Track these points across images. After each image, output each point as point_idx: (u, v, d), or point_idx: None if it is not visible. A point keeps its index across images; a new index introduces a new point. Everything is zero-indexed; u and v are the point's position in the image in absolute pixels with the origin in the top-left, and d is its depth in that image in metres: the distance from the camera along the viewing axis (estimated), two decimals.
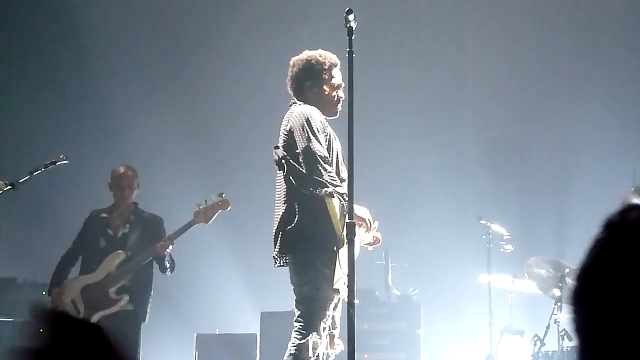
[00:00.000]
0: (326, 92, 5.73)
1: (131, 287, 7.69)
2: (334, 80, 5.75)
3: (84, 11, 11.64)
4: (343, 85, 5.76)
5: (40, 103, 11.55)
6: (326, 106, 5.73)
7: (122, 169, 7.91)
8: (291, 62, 5.81)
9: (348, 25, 5.09)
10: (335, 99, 5.76)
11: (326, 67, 5.74)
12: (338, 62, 5.78)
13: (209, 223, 7.66)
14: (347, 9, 5.07)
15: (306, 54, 5.79)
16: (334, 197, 5.28)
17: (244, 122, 11.46)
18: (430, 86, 11.53)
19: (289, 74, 5.80)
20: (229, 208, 7.67)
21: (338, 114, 5.77)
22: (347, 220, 4.98)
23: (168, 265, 7.74)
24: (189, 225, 7.64)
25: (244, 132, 11.42)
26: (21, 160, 9.46)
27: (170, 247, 7.64)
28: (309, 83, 5.71)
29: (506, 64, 11.52)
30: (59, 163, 7.46)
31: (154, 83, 11.79)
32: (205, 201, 7.63)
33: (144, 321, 7.76)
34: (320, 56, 5.77)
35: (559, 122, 11.40)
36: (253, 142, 10.50)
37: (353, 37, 5.10)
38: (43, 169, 7.34)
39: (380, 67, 11.04)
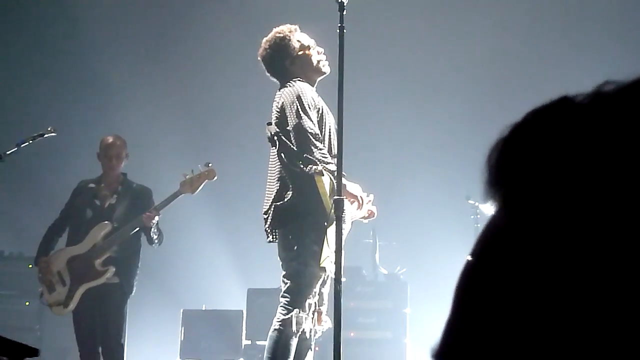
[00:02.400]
0: (305, 55, 5.71)
1: (117, 259, 7.60)
2: (303, 42, 5.74)
3: None
4: (313, 41, 5.78)
5: (28, 75, 11.50)
6: (313, 69, 5.74)
7: (110, 139, 7.83)
8: (259, 57, 5.80)
9: (339, 0, 5.07)
10: (316, 56, 5.75)
11: (289, 37, 5.72)
12: (294, 27, 5.80)
13: (195, 193, 7.54)
14: None
15: (265, 43, 5.78)
16: (323, 174, 5.29)
17: (235, 96, 11.43)
18: (419, 65, 11.49)
19: (265, 66, 5.79)
20: (215, 178, 7.55)
21: (328, 69, 5.74)
22: (335, 196, 4.99)
23: (155, 237, 7.67)
24: (175, 195, 7.54)
25: (234, 106, 11.40)
26: (8, 131, 9.42)
27: (157, 218, 7.53)
28: (287, 60, 5.70)
29: (494, 44, 11.48)
30: (46, 135, 7.43)
31: (144, 55, 11.75)
32: (192, 171, 7.52)
33: (131, 293, 7.72)
34: (278, 33, 5.77)
35: (550, 91, 11.36)
36: (244, 116, 10.48)
37: (344, 13, 5.07)
38: (31, 141, 7.31)
39: (370, 45, 11.01)
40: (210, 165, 7.57)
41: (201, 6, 11.85)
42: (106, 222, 7.64)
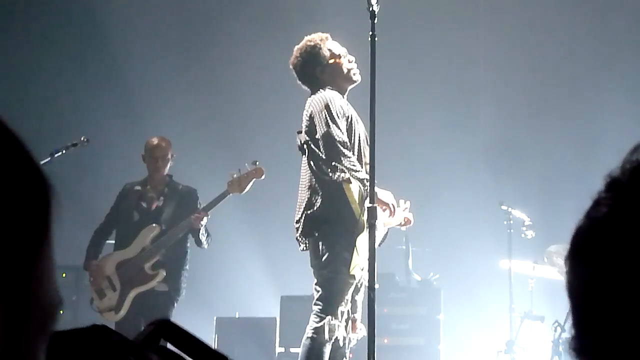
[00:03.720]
0: (335, 64, 5.73)
1: (166, 262, 7.61)
2: (334, 50, 5.78)
3: None
4: (345, 50, 5.81)
5: (62, 84, 11.55)
6: (344, 77, 5.77)
7: (155, 140, 7.82)
8: (291, 65, 5.83)
9: (370, 8, 5.08)
10: (346, 65, 5.77)
11: (320, 46, 5.77)
12: (325, 35, 5.85)
13: (244, 192, 7.50)
14: None
15: (297, 51, 5.84)
16: (352, 182, 5.30)
17: (269, 104, 11.44)
18: (453, 73, 11.48)
19: (296, 74, 5.83)
20: (263, 176, 7.49)
21: (358, 77, 5.77)
22: (367, 204, 4.99)
23: (204, 238, 7.66)
24: (223, 195, 7.51)
25: (268, 115, 11.41)
26: (42, 141, 9.47)
27: (205, 219, 7.52)
28: (318, 68, 5.72)
29: (528, 53, 11.45)
30: (80, 145, 7.47)
31: (179, 63, 11.78)
32: (239, 170, 7.50)
33: (178, 298, 7.70)
34: (309, 41, 5.83)
35: (580, 108, 11.33)
36: (277, 124, 10.48)
37: (375, 21, 5.07)
38: (64, 151, 7.34)
39: (403, 53, 10.99)
40: (257, 163, 7.55)
41: (233, 11, 11.87)
42: (154, 224, 7.63)
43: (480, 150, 11.38)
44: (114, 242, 7.87)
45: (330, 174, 5.36)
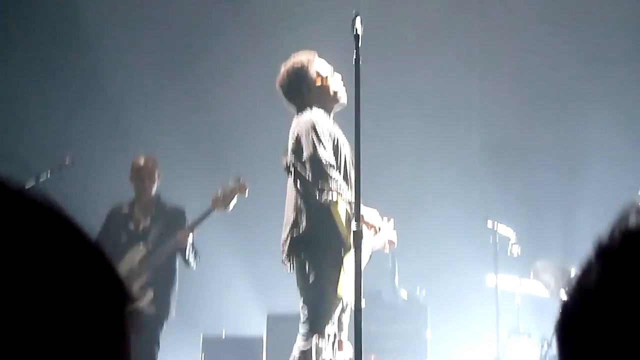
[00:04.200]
0: (322, 85, 5.71)
1: (154, 283, 7.57)
2: (321, 72, 5.77)
3: (89, 8, 11.61)
4: (332, 68, 5.80)
5: (45, 105, 11.51)
6: (330, 98, 5.76)
7: (141, 161, 7.79)
8: (277, 85, 5.81)
9: (355, 32, 5.04)
10: (333, 86, 5.76)
11: (307, 66, 5.76)
12: (313, 54, 5.85)
13: (229, 209, 7.50)
14: (354, 12, 5.03)
15: (284, 70, 5.83)
16: (339, 203, 5.28)
17: (253, 121, 11.43)
18: (436, 88, 11.50)
19: (283, 93, 5.81)
20: (247, 192, 7.52)
21: (345, 98, 5.75)
22: (353, 226, 4.97)
23: (192, 258, 7.61)
24: (207, 212, 7.49)
25: (253, 132, 11.40)
26: (27, 163, 9.43)
27: (191, 237, 7.50)
28: (305, 89, 5.70)
29: (511, 67, 11.49)
30: (64, 167, 7.43)
31: (163, 80, 11.74)
32: (222, 186, 7.50)
33: (167, 319, 7.69)
34: (296, 61, 5.81)
35: (566, 123, 11.37)
36: (262, 141, 10.47)
37: (360, 44, 5.05)
38: (49, 174, 7.31)
39: (386, 70, 11.01)
40: (241, 179, 7.53)
41: (220, 29, 11.87)
42: (141, 246, 7.60)
43: (466, 166, 11.40)
44: None
45: (317, 196, 5.33)
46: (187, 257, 7.59)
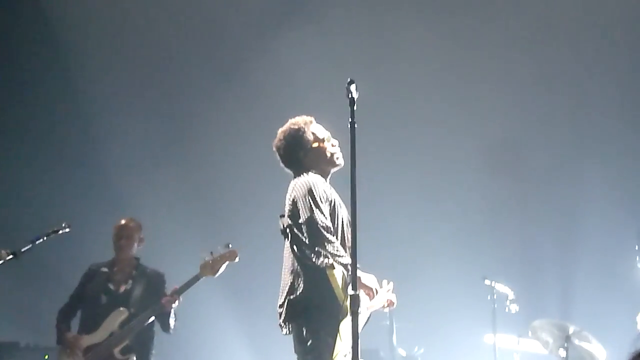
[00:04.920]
0: (319, 148, 5.74)
1: (135, 346, 7.49)
2: (318, 135, 5.78)
3: (84, 75, 11.69)
4: (329, 134, 5.82)
5: (40, 169, 11.53)
6: (327, 161, 5.75)
7: (123, 221, 7.79)
8: (274, 148, 5.82)
9: (350, 96, 5.06)
10: (330, 149, 5.78)
11: (304, 129, 5.77)
12: (310, 119, 5.85)
13: (217, 275, 7.41)
14: (349, 79, 5.05)
15: (281, 134, 5.81)
16: (335, 267, 5.25)
17: (251, 181, 11.44)
18: (431, 147, 11.53)
19: (280, 157, 5.81)
20: (237, 259, 7.45)
21: (342, 161, 5.76)
22: (350, 291, 4.94)
23: (172, 323, 7.54)
24: (196, 278, 7.41)
25: (251, 192, 11.41)
26: (23, 227, 9.44)
27: (177, 302, 7.45)
28: (301, 152, 5.72)
29: (508, 123, 11.53)
30: (61, 232, 7.41)
31: (156, 144, 11.77)
32: (211, 253, 7.43)
33: None
34: (293, 124, 5.81)
35: (561, 183, 11.40)
36: (260, 203, 10.47)
37: (355, 108, 5.06)
38: (45, 238, 7.29)
39: (380, 130, 11.06)
40: (230, 245, 7.48)
41: (213, 92, 11.93)
42: (122, 308, 7.52)
43: (463, 225, 11.40)
44: (78, 323, 7.71)
45: (314, 259, 5.30)
46: (168, 322, 7.50)
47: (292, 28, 11.70)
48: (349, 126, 5.00)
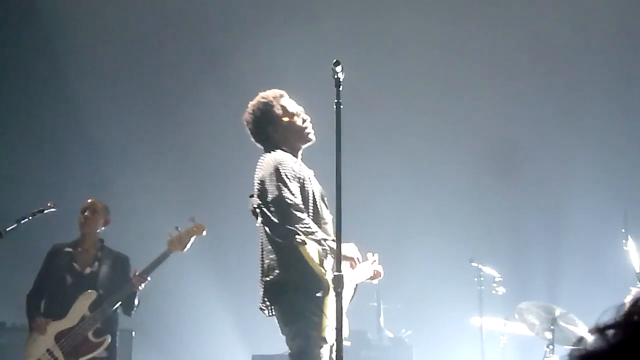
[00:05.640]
0: (289, 122, 5.58)
1: (107, 328, 7.38)
2: (289, 109, 5.61)
3: (71, 53, 11.65)
4: (301, 108, 5.67)
5: (26, 148, 11.51)
6: (297, 136, 5.57)
7: (89, 202, 7.67)
8: (244, 122, 5.67)
9: (336, 76, 5.00)
10: (301, 124, 5.60)
11: (274, 103, 5.61)
12: (280, 92, 5.68)
13: (185, 250, 7.30)
14: (335, 60, 4.99)
15: (250, 107, 5.62)
16: (307, 243, 5.14)
17: (233, 158, 11.43)
18: (422, 126, 11.54)
19: (249, 132, 5.63)
20: (204, 232, 7.37)
21: (313, 137, 5.61)
22: (327, 266, 4.90)
23: (135, 304, 7.43)
24: (164, 255, 7.29)
25: (232, 168, 11.39)
26: (8, 206, 9.41)
27: (146, 282, 7.28)
28: (270, 126, 5.59)
29: (498, 108, 11.54)
30: (46, 211, 7.36)
31: (139, 125, 11.74)
32: (177, 228, 7.34)
33: None
34: (263, 98, 5.65)
35: (549, 164, 11.43)
36: (241, 178, 10.45)
37: (341, 89, 5.01)
38: (31, 217, 7.25)
39: (368, 108, 11.06)
40: (195, 219, 7.43)
41: (196, 74, 11.91)
42: (91, 290, 7.38)
43: (451, 206, 11.41)
44: (44, 305, 7.55)
45: (285, 238, 5.20)
46: (133, 303, 7.40)
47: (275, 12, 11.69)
48: (335, 107, 4.96)
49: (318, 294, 5.11)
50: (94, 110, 11.55)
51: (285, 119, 5.58)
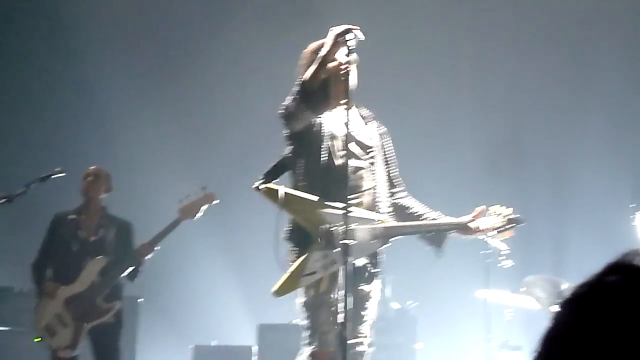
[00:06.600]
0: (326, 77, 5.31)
1: (117, 293, 7.48)
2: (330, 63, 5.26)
3: (76, 14, 11.61)
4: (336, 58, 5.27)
5: (33, 112, 11.50)
6: (336, 83, 5.36)
7: (91, 169, 7.69)
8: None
9: (347, 44, 4.97)
10: (337, 72, 5.28)
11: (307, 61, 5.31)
12: (314, 45, 5.38)
13: (196, 218, 7.42)
14: (346, 29, 4.98)
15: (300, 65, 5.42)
16: (266, 189, 5.20)
17: (241, 125, 11.41)
18: (430, 94, 11.50)
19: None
20: (215, 201, 7.45)
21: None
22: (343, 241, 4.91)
23: (141, 271, 7.49)
24: (175, 223, 7.38)
25: (245, 138, 11.38)
26: (17, 171, 9.42)
27: (152, 252, 7.37)
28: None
29: (502, 82, 11.50)
30: (54, 176, 7.38)
31: (145, 86, 11.70)
32: (187, 196, 7.43)
33: (123, 328, 7.57)
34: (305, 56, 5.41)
35: (557, 136, 11.39)
36: (253, 149, 10.44)
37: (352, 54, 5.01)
38: (39, 182, 7.27)
39: (376, 77, 11.01)
40: (206, 188, 7.48)
41: (202, 34, 11.88)
42: (100, 257, 7.42)
43: (457, 178, 11.39)
44: (52, 274, 7.60)
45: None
46: (139, 270, 7.45)
47: None
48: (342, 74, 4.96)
49: (309, 246, 5.16)
50: (99, 71, 11.52)
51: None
